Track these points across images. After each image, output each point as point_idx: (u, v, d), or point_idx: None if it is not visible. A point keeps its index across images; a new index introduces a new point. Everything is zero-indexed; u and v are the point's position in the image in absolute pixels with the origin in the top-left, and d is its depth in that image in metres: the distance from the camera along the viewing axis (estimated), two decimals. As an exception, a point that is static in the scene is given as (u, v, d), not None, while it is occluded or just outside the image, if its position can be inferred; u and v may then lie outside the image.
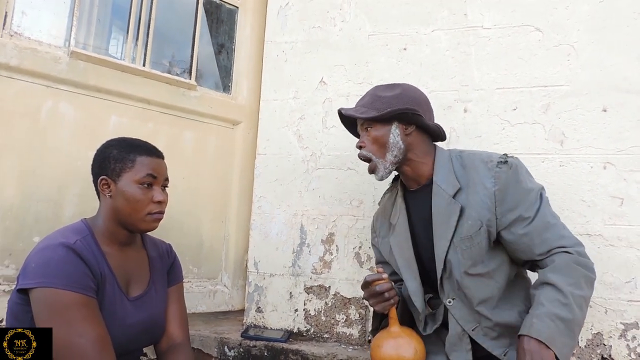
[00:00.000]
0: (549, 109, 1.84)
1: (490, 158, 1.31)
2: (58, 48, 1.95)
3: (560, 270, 1.19)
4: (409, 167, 1.40)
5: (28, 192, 1.83)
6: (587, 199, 1.75)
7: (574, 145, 1.79)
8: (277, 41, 2.28)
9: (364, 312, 1.99)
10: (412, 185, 1.43)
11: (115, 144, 1.32)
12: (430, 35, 2.05)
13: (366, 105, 1.39)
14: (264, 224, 2.17)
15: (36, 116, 1.87)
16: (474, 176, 1.30)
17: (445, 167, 1.35)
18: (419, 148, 1.38)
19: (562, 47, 1.85)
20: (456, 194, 1.30)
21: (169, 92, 2.20)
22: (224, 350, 1.97)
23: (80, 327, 1.10)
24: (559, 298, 1.15)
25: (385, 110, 1.33)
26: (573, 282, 1.17)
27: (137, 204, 1.26)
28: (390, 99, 1.35)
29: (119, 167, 1.27)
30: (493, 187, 1.26)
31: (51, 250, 1.14)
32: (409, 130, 1.36)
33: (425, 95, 1.43)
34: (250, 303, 2.14)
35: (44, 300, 1.10)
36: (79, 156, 1.95)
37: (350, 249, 2.04)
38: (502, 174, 1.27)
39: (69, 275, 1.12)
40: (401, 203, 1.44)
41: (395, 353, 1.23)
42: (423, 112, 1.36)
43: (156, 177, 1.29)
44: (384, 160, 1.37)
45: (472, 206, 1.28)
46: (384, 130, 1.35)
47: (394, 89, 1.39)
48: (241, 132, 2.46)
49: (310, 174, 2.13)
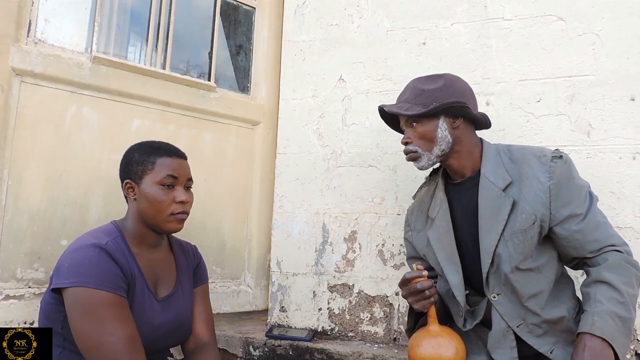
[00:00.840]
0: (574, 99, 1.79)
1: (543, 152, 1.29)
2: (81, 54, 1.99)
3: (614, 268, 1.18)
4: (455, 159, 1.36)
5: (54, 196, 1.86)
6: (616, 190, 1.70)
7: (601, 136, 1.75)
8: (294, 40, 2.28)
9: (388, 310, 1.97)
10: (456, 177, 1.40)
11: (137, 148, 1.35)
12: (449, 29, 2.02)
13: (409, 100, 1.34)
14: (286, 223, 2.17)
15: (61, 121, 1.90)
16: (527, 170, 1.27)
17: (493, 161, 1.33)
18: (466, 140, 1.35)
19: (587, 36, 1.81)
20: (506, 188, 1.27)
21: (189, 94, 2.22)
22: (249, 350, 1.98)
23: (111, 326, 1.12)
24: (616, 297, 1.14)
25: (431, 105, 1.29)
26: (627, 280, 1.17)
27: (159, 205, 1.28)
28: (434, 92, 1.31)
29: (141, 170, 1.29)
30: (548, 181, 1.24)
31: (84, 251, 1.17)
32: (456, 123, 1.33)
33: (467, 84, 1.39)
34: (273, 303, 2.14)
35: (76, 299, 1.13)
36: (102, 159, 1.98)
37: (373, 247, 2.03)
38: (557, 169, 1.24)
39: (101, 275, 1.15)
40: (442, 196, 1.41)
41: (435, 352, 1.20)
42: (469, 101, 1.33)
43: (177, 178, 1.31)
44: (429, 154, 1.34)
45: (526, 200, 1.25)
46: (431, 125, 1.32)
47: (436, 80, 1.34)
48: (261, 132, 2.47)
49: (331, 172, 2.13)
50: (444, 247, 1.37)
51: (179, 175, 1.31)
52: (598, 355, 1.08)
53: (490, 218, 1.28)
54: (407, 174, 1.99)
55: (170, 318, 1.32)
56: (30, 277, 1.80)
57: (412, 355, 1.24)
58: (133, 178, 1.31)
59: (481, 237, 1.29)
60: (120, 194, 1.27)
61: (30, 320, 1.78)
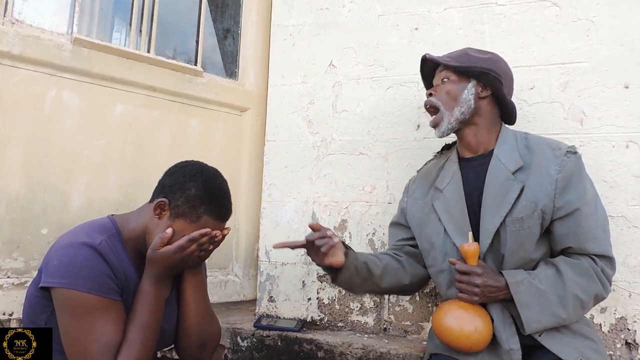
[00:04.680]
0: (567, 87, 1.77)
1: (559, 146, 1.30)
2: (61, 35, 1.90)
3: (579, 269, 1.22)
4: (471, 131, 1.38)
5: (34, 182, 1.79)
6: (609, 179, 1.69)
7: (594, 124, 1.73)
8: (284, 24, 2.23)
9: (378, 300, 1.95)
10: (467, 153, 1.41)
11: (199, 182, 1.24)
12: (442, 14, 1.98)
13: (452, 56, 1.40)
14: (275, 212, 2.13)
15: (40, 105, 1.82)
16: (539, 159, 1.28)
17: (509, 144, 1.34)
18: (488, 115, 1.37)
19: (581, 22, 1.78)
20: (516, 171, 1.27)
21: (175, 78, 2.15)
22: (236, 341, 1.94)
23: (97, 332, 1.09)
24: (558, 289, 1.20)
25: (467, 64, 1.35)
26: (582, 284, 1.21)
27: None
28: (477, 59, 1.36)
29: (183, 211, 1.22)
30: (557, 174, 1.24)
31: (75, 250, 1.13)
32: (484, 93, 1.36)
33: (512, 71, 1.44)
34: (262, 293, 2.11)
35: (66, 302, 1.10)
36: (84, 145, 1.91)
37: (363, 236, 2.00)
38: (569, 164, 1.25)
39: (92, 278, 1.11)
40: (456, 168, 1.41)
41: (456, 324, 1.22)
42: (505, 82, 1.36)
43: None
44: (450, 114, 1.35)
45: (530, 188, 1.25)
46: (460, 85, 1.35)
47: (485, 53, 1.41)
48: (249, 119, 2.41)
49: (321, 160, 2.09)
50: (455, 219, 1.36)
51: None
52: (489, 274, 1.23)
53: (495, 200, 1.28)
54: (398, 162, 1.96)
55: (166, 320, 1.28)
56: (9, 266, 1.73)
57: (435, 318, 1.28)
58: (171, 207, 1.23)
59: (483, 217, 1.29)
60: (103, 180, 1.22)
61: (10, 312, 1.72)
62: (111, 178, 1.96)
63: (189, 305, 1.33)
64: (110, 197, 1.95)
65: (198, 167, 1.30)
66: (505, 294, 1.23)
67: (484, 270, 1.23)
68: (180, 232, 1.21)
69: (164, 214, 1.24)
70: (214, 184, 1.27)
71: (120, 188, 1.98)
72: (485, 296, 1.23)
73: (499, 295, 1.23)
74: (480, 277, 1.22)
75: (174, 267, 1.23)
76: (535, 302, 1.19)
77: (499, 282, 1.22)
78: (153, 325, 1.20)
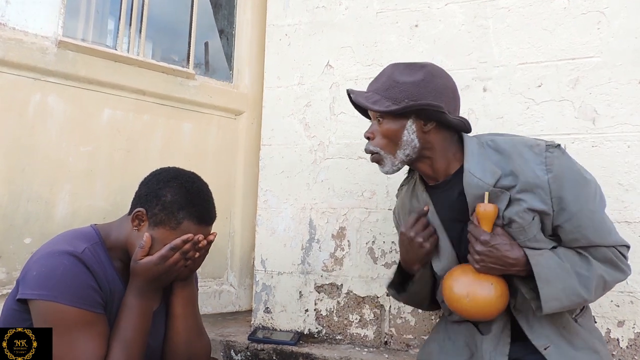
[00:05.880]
0: (578, 83, 1.66)
1: (535, 142, 1.14)
2: (45, 38, 1.84)
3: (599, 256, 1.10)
4: (424, 164, 1.22)
5: (17, 191, 1.72)
6: (625, 182, 1.57)
7: (607, 123, 1.62)
8: (279, 24, 2.15)
9: (379, 312, 1.84)
10: (430, 181, 1.26)
11: (174, 187, 1.17)
12: (443, 10, 1.89)
13: (380, 91, 1.18)
14: (271, 219, 2.05)
15: (23, 111, 1.76)
16: (520, 163, 1.12)
17: (478, 155, 1.17)
18: (439, 145, 1.19)
19: (591, 14, 1.68)
20: (497, 182, 1.12)
21: (166, 81, 2.07)
22: (230, 354, 1.86)
23: (78, 349, 1.03)
24: (577, 266, 1.08)
25: (401, 103, 1.13)
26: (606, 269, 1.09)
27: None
28: (409, 86, 1.14)
29: (161, 219, 1.14)
30: (545, 175, 1.09)
31: (56, 259, 1.05)
32: (427, 127, 1.17)
33: (451, 80, 1.22)
34: (258, 303, 2.02)
35: (46, 315, 1.03)
36: (69, 152, 1.84)
37: (363, 244, 1.90)
38: (555, 160, 1.10)
39: (74, 289, 1.04)
40: (426, 197, 1.27)
41: (451, 285, 1.14)
42: (447, 104, 1.16)
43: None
44: (393, 157, 1.20)
45: (522, 196, 1.11)
46: (398, 124, 1.17)
47: (415, 72, 1.17)
48: (244, 122, 2.33)
49: (319, 164, 2.00)
50: (438, 247, 1.25)
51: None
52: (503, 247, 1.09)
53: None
54: (398, 165, 1.86)
55: (153, 335, 1.19)
56: (-10, 278, 1.66)
57: (445, 285, 1.17)
58: (149, 215, 1.15)
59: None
60: (90, 188, 1.15)
61: (-10, 325, 1.65)
62: (98, 185, 1.89)
63: (177, 319, 1.24)
64: (97, 205, 1.88)
65: (173, 172, 1.22)
66: (520, 269, 1.09)
67: (492, 238, 1.09)
68: (163, 242, 1.13)
69: (142, 225, 1.16)
70: (191, 187, 1.19)
71: (108, 196, 1.91)
72: (488, 266, 1.10)
73: (511, 269, 1.09)
74: (481, 245, 1.09)
75: (159, 279, 1.15)
76: (557, 277, 1.06)
77: (513, 254, 1.09)
78: (138, 341, 1.12)
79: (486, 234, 1.10)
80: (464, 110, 1.79)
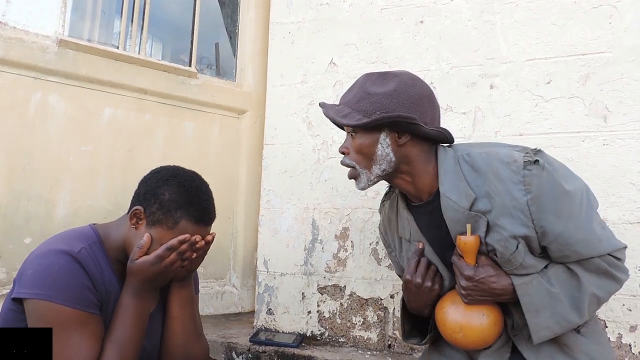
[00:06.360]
0: (588, 80, 1.61)
1: (512, 157, 1.03)
2: (46, 37, 1.83)
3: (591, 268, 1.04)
4: (403, 180, 1.15)
5: (17, 190, 1.72)
6: (638, 181, 1.52)
7: (619, 121, 1.56)
8: (282, 22, 2.12)
9: (382, 314, 1.80)
10: (414, 200, 1.19)
11: (172, 186, 1.14)
12: (449, 5, 1.84)
13: (351, 103, 1.11)
14: (273, 219, 2.02)
15: (24, 110, 1.75)
16: (495, 183, 1.03)
17: (452, 174, 1.09)
18: (417, 159, 1.12)
19: (603, 8, 1.62)
20: (472, 205, 1.05)
21: (168, 80, 2.06)
22: (231, 356, 1.84)
23: (72, 349, 1.01)
24: (572, 288, 1.03)
25: (372, 115, 1.06)
26: (601, 286, 1.04)
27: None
28: (380, 98, 1.07)
29: (159, 218, 1.12)
30: (524, 196, 1.00)
31: (52, 258, 1.04)
32: (402, 140, 1.09)
33: (427, 88, 1.13)
34: (260, 305, 1.99)
35: (40, 314, 1.02)
36: (70, 151, 1.83)
37: (366, 245, 1.86)
38: (534, 179, 1.00)
39: (69, 289, 1.02)
40: (408, 215, 1.20)
41: (443, 317, 1.09)
42: (423, 115, 1.08)
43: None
44: (369, 172, 1.13)
45: (501, 222, 1.03)
46: (371, 139, 1.10)
47: (387, 82, 1.10)
48: (247, 122, 2.31)
49: (322, 163, 1.97)
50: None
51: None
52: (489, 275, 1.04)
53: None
54: (402, 165, 1.82)
55: (149, 337, 1.17)
56: (-10, 278, 1.66)
57: (438, 317, 1.13)
58: (146, 214, 1.12)
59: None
60: (91, 187, 1.13)
61: (-10, 326, 1.64)
62: (99, 185, 1.87)
63: (174, 321, 1.22)
64: (98, 205, 1.87)
65: (172, 170, 1.20)
66: (509, 298, 1.05)
67: (476, 272, 1.04)
68: (160, 241, 1.11)
69: (140, 223, 1.14)
70: (190, 186, 1.16)
71: (109, 195, 1.90)
72: (476, 299, 1.06)
73: (499, 298, 1.05)
74: (466, 280, 1.04)
75: (155, 279, 1.13)
76: (546, 306, 1.02)
77: (499, 284, 1.04)
78: (133, 342, 1.10)
79: (470, 269, 1.05)
80: (470, 107, 1.76)
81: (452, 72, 1.81)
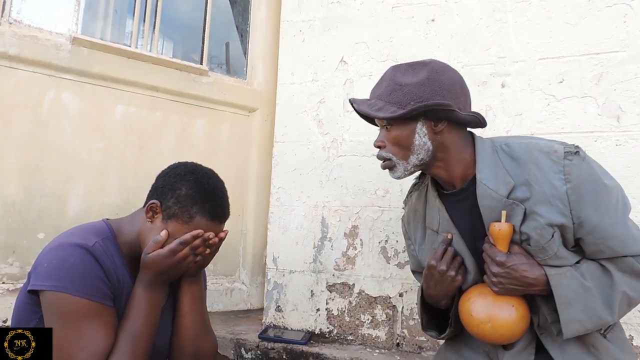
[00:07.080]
0: (601, 79, 1.59)
1: (553, 147, 1.04)
2: (60, 35, 1.86)
3: (624, 267, 1.02)
4: (439, 168, 1.14)
5: (31, 187, 1.74)
6: (651, 182, 1.50)
7: (633, 121, 1.54)
8: (293, 20, 2.12)
9: (391, 313, 1.81)
10: (447, 187, 1.18)
11: (190, 182, 1.17)
12: (461, 3, 1.83)
13: (383, 96, 1.11)
14: (283, 216, 2.03)
15: (38, 107, 1.78)
16: (535, 172, 1.03)
17: (491, 162, 1.09)
18: (454, 146, 1.12)
19: (617, 7, 1.60)
20: (511, 193, 1.05)
21: (179, 78, 2.07)
22: (240, 352, 1.85)
23: (86, 340, 1.03)
24: (604, 284, 1.01)
25: (407, 106, 1.06)
26: (632, 283, 1.02)
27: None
28: (413, 88, 1.07)
29: (174, 212, 1.14)
30: (564, 185, 1.01)
31: (66, 251, 1.06)
32: (439, 127, 1.10)
33: (458, 74, 1.14)
34: (269, 302, 2.01)
35: (55, 306, 1.04)
36: (83, 148, 1.85)
37: (375, 243, 1.87)
38: (574, 169, 1.01)
39: (84, 280, 1.05)
40: (439, 204, 1.19)
41: (469, 309, 1.07)
42: (456, 100, 1.09)
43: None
44: (406, 162, 1.13)
45: (538, 210, 1.03)
46: (407, 129, 1.10)
47: (417, 71, 1.10)
48: (258, 119, 2.32)
49: (332, 162, 1.97)
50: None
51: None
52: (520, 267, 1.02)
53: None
54: (412, 163, 1.81)
55: (159, 331, 1.18)
56: (4, 272, 1.69)
57: (462, 309, 1.10)
58: (163, 208, 1.15)
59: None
60: (103, 184, 1.15)
61: (4, 318, 1.67)
62: (111, 182, 1.90)
63: (184, 316, 1.24)
64: (110, 202, 1.89)
65: (190, 166, 1.22)
66: (541, 289, 1.03)
67: (508, 259, 1.03)
68: (174, 235, 1.13)
69: (156, 217, 1.16)
70: (206, 183, 1.18)
71: (121, 192, 1.92)
72: (507, 287, 1.04)
73: (531, 289, 1.03)
74: (497, 266, 1.03)
75: (167, 273, 1.14)
76: (579, 299, 1.00)
77: (532, 274, 1.02)
78: (146, 334, 1.12)
79: (502, 255, 1.04)
80: (481, 106, 1.74)
81: (464, 71, 1.76)
